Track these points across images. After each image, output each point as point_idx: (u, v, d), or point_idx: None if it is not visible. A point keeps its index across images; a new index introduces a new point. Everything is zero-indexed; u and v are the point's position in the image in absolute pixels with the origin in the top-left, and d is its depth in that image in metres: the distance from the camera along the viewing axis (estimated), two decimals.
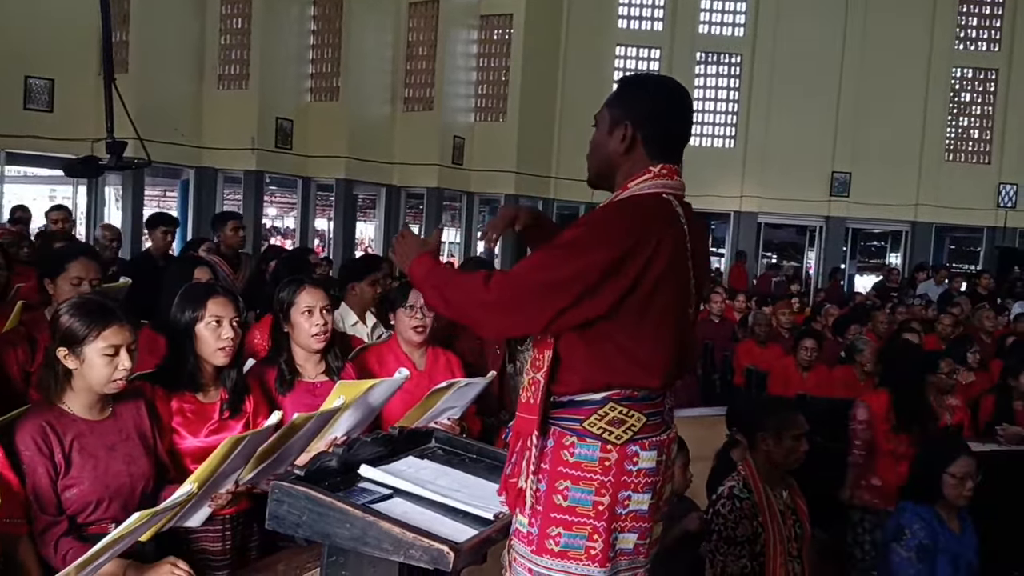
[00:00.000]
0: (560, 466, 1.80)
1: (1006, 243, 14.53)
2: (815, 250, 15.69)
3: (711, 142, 15.19)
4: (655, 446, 1.85)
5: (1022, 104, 14.61)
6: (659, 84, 2.00)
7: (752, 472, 2.97)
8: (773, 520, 2.89)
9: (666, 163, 1.90)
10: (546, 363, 1.83)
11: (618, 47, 14.59)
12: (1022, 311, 8.60)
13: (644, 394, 1.84)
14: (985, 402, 5.45)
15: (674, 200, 1.88)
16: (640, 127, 1.88)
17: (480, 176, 13.72)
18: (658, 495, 1.88)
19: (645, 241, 1.77)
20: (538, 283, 1.76)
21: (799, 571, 2.92)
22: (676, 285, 1.85)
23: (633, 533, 1.84)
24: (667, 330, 1.84)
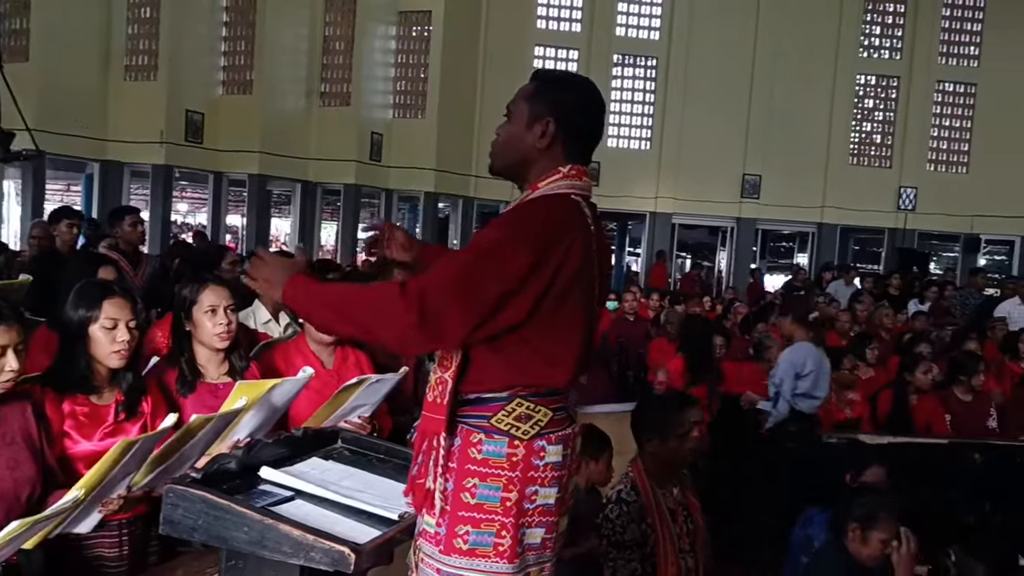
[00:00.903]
0: (468, 464, 1.79)
1: (905, 244, 15.20)
2: (727, 250, 16.09)
3: (628, 143, 15.42)
4: (561, 440, 1.85)
5: (921, 110, 15.31)
6: (583, 84, 1.99)
7: (640, 474, 2.96)
8: (662, 520, 2.90)
9: (576, 163, 1.89)
10: (455, 363, 1.80)
11: (537, 47, 14.69)
12: (918, 309, 8.99)
13: (549, 390, 1.84)
14: (883, 396, 5.67)
15: (582, 201, 1.88)
16: (562, 125, 1.87)
17: (399, 173, 13.61)
18: (564, 488, 1.88)
19: (558, 244, 1.76)
20: (463, 293, 1.70)
21: (693, 565, 2.94)
22: (585, 286, 1.86)
23: (540, 528, 1.84)
24: (577, 330, 1.85)
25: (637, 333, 8.39)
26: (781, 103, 14.84)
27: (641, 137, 15.41)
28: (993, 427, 5.60)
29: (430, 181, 13.40)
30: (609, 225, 17.30)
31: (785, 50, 14.77)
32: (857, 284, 11.43)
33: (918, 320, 8.08)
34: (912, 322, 8.08)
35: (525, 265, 1.72)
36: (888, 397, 5.64)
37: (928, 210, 15.16)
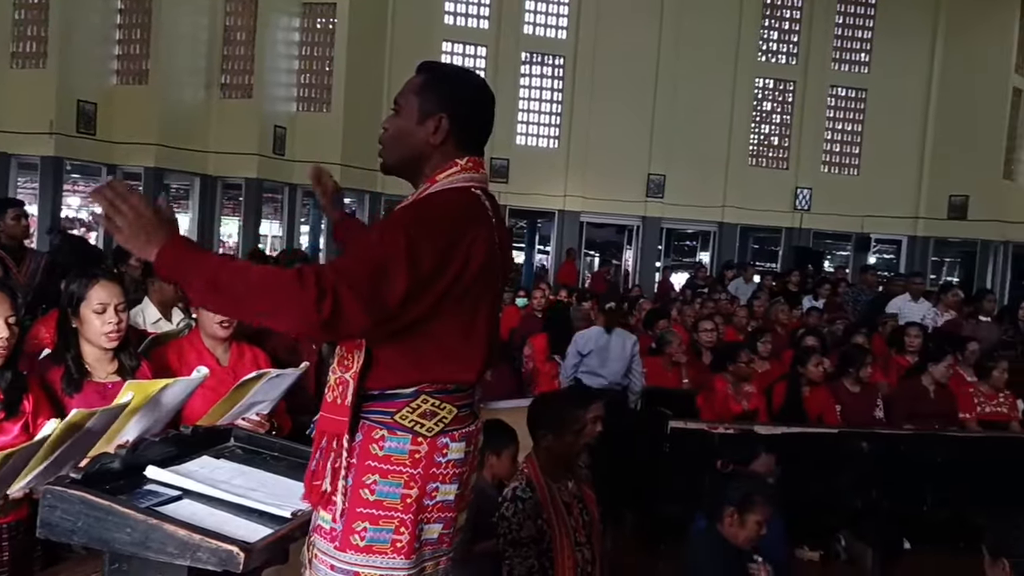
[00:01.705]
0: (368, 460, 1.76)
1: (801, 243, 15.79)
2: (633, 248, 16.39)
3: (536, 142, 15.53)
4: (464, 437, 1.84)
5: (816, 114, 15.93)
6: (473, 77, 1.99)
7: (535, 470, 2.98)
8: (558, 515, 2.93)
9: (472, 155, 1.88)
10: (357, 363, 1.76)
11: (444, 43, 14.64)
12: (812, 305, 9.36)
13: (456, 386, 1.83)
14: (778, 389, 5.86)
15: (482, 194, 1.87)
16: (455, 120, 1.85)
17: (303, 167, 13.32)
18: (464, 485, 1.88)
19: (462, 237, 1.74)
20: (363, 284, 1.65)
21: (589, 556, 2.97)
22: (489, 280, 1.85)
23: (438, 523, 1.83)
24: (482, 325, 1.83)
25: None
26: (684, 104, 15.20)
27: (549, 136, 15.53)
28: (880, 417, 5.88)
29: (335, 176, 13.15)
30: (519, 223, 17.40)
31: (688, 52, 15.13)
32: (756, 281, 11.84)
33: (811, 316, 8.41)
34: (806, 318, 8.40)
35: (431, 260, 1.69)
36: (782, 389, 5.83)
37: (822, 210, 15.78)
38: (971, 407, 5.88)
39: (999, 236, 15.44)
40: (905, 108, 15.69)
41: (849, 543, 5.17)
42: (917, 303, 8.73)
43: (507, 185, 14.83)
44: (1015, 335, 7.60)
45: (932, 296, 9.13)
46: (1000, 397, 5.96)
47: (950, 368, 5.88)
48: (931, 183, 15.70)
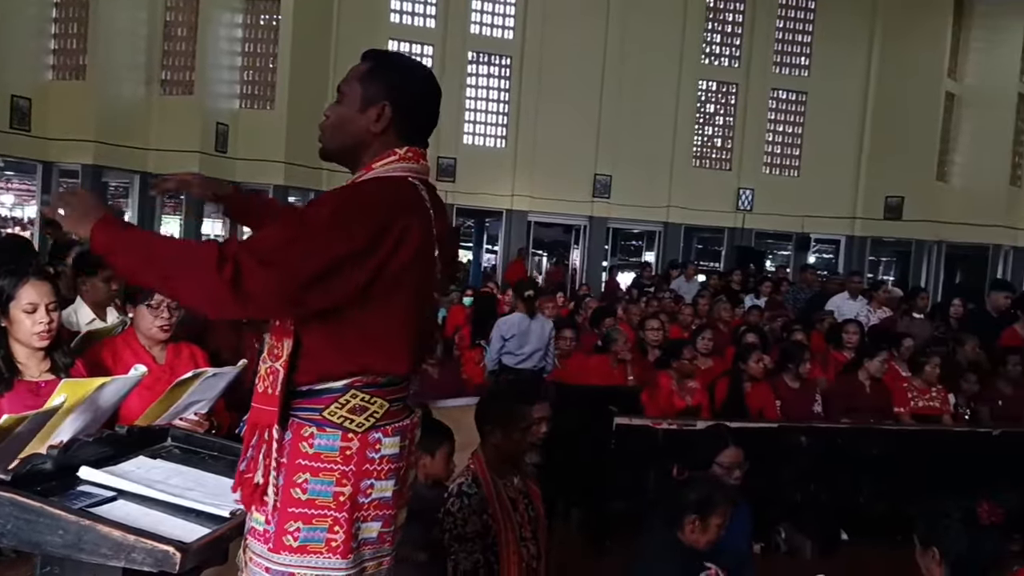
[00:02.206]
0: (299, 458, 1.73)
1: (744, 243, 16.07)
2: (580, 248, 16.49)
3: (484, 141, 15.53)
4: (398, 432, 1.82)
5: (757, 116, 16.22)
6: (419, 67, 1.96)
7: (481, 465, 2.99)
8: (503, 510, 2.93)
9: (413, 146, 1.86)
10: (286, 352, 1.74)
11: (391, 42, 14.52)
12: (753, 303, 9.53)
13: (388, 380, 1.80)
14: (720, 385, 5.97)
15: (420, 184, 1.85)
16: (398, 109, 1.83)
17: (246, 165, 13.14)
18: (402, 481, 1.85)
19: (393, 226, 1.72)
20: (284, 261, 1.63)
21: (535, 551, 2.98)
22: (423, 271, 1.83)
23: (377, 522, 1.81)
24: (413, 316, 1.82)
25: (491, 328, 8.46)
26: (630, 105, 15.34)
27: (497, 135, 15.55)
28: (818, 411, 6.02)
29: (279, 174, 13.01)
30: (467, 222, 17.39)
31: (633, 54, 15.27)
32: (699, 280, 12.03)
33: (753, 313, 8.58)
34: (747, 315, 8.56)
35: (354, 244, 1.67)
36: (725, 385, 5.94)
37: (764, 211, 16.07)
38: (905, 401, 6.06)
39: (932, 236, 15.92)
40: (843, 111, 16.08)
41: (789, 535, 5.28)
42: (855, 301, 8.95)
43: (455, 184, 14.81)
44: (946, 331, 7.84)
45: (868, 294, 9.37)
46: (932, 391, 6.15)
47: (885, 363, 6.05)
48: (868, 184, 16.11)
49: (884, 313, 8.73)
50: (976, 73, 15.98)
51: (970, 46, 15.95)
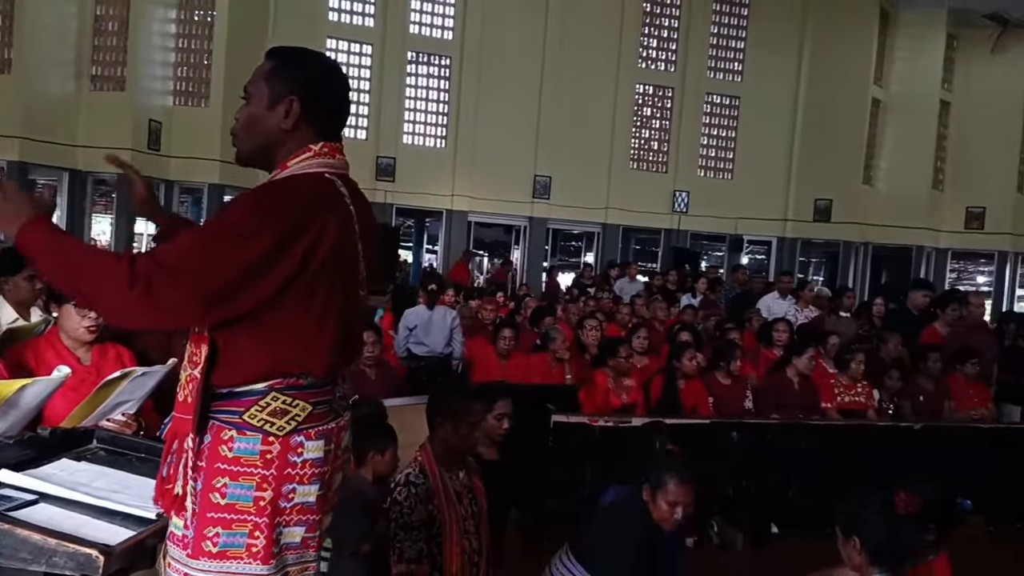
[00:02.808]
0: (218, 462, 1.70)
1: (679, 244, 16.32)
2: (520, 248, 16.56)
3: (424, 141, 15.47)
4: (322, 435, 1.79)
5: (692, 120, 16.48)
6: (322, 60, 1.93)
7: (429, 457, 3.04)
8: (449, 502, 2.99)
9: (328, 141, 1.83)
10: (203, 358, 1.70)
11: (329, 40, 14.38)
12: (688, 303, 9.71)
13: (310, 382, 1.77)
14: (655, 382, 6.07)
15: (338, 180, 1.82)
16: (306, 103, 1.80)
17: (180, 163, 12.86)
18: (327, 486, 1.82)
19: (309, 224, 1.69)
20: (195, 270, 1.60)
21: (477, 546, 3.05)
22: (343, 269, 1.80)
23: (300, 527, 1.77)
24: (333, 316, 1.78)
25: None
26: (569, 107, 15.45)
27: (437, 135, 15.50)
28: (749, 407, 6.18)
29: (215, 173, 12.75)
30: (406, 222, 17.30)
31: (572, 56, 15.38)
32: (641, 280, 12.20)
33: (687, 312, 8.74)
34: (682, 314, 8.72)
35: (268, 246, 1.64)
36: (660, 383, 6.04)
37: (699, 212, 16.33)
38: (832, 397, 6.25)
39: (859, 237, 16.40)
40: (775, 116, 16.46)
41: (721, 529, 5.40)
42: (783, 300, 9.19)
43: (394, 184, 14.75)
44: (871, 329, 8.10)
45: (796, 293, 9.62)
46: (858, 387, 6.35)
47: (813, 360, 6.22)
48: (798, 187, 16.52)
49: (812, 312, 8.98)
50: (900, 80, 16.53)
51: (895, 55, 16.49)
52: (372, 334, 5.21)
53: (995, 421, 6.63)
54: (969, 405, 6.51)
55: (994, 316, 12.31)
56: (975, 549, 5.09)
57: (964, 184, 16.55)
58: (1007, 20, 15.74)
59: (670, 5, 16.30)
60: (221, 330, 1.70)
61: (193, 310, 1.64)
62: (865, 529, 2.60)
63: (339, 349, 1.82)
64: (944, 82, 16.45)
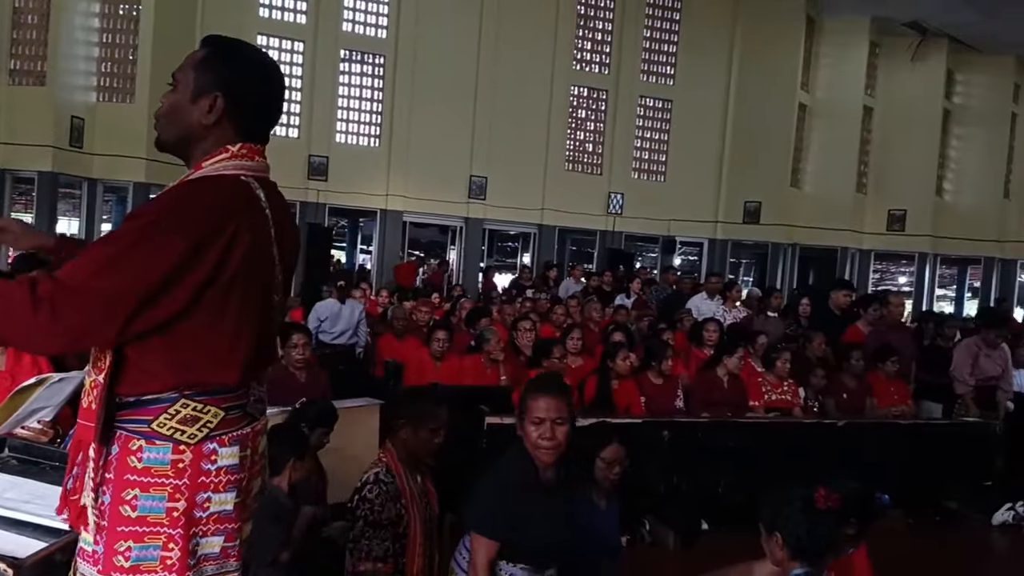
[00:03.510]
0: (127, 474, 1.63)
1: (614, 245, 16.49)
2: (456, 249, 16.52)
3: (357, 140, 15.30)
4: (236, 441, 1.73)
5: (625, 123, 16.67)
6: (257, 57, 1.85)
7: (393, 458, 3.06)
8: (413, 503, 3.00)
9: (248, 142, 1.77)
10: (108, 364, 1.63)
11: (260, 36, 14.09)
12: (622, 303, 9.83)
13: (221, 387, 1.71)
14: (589, 382, 6.13)
15: (254, 183, 1.75)
16: (232, 100, 1.74)
17: (104, 161, 12.47)
18: (244, 493, 1.77)
19: (222, 228, 1.63)
20: (103, 288, 1.53)
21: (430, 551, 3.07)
22: (259, 274, 1.74)
23: (218, 536, 1.72)
24: (249, 322, 1.72)
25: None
26: (504, 108, 15.46)
27: (371, 134, 15.34)
28: (680, 406, 6.28)
29: (140, 171, 12.38)
30: (340, 222, 17.10)
31: (507, 57, 15.39)
32: (584, 281, 12.31)
33: (620, 313, 8.84)
34: (616, 315, 8.82)
35: (179, 253, 1.57)
36: (594, 383, 6.10)
37: (633, 214, 16.53)
38: (760, 395, 6.40)
39: (787, 239, 16.80)
40: (706, 120, 16.75)
41: (653, 527, 5.46)
42: (712, 300, 9.37)
43: (327, 183, 14.56)
44: (797, 328, 8.32)
45: (724, 294, 9.81)
46: (784, 385, 6.52)
47: (742, 360, 6.36)
48: (728, 190, 16.85)
49: (740, 312, 9.18)
50: (826, 86, 16.98)
51: (820, 61, 16.93)
52: (303, 336, 5.13)
53: (914, 418, 6.88)
54: (889, 402, 6.75)
55: (914, 316, 12.76)
56: (895, 542, 5.30)
57: (886, 187, 17.10)
58: (926, 29, 16.32)
59: (603, 8, 16.44)
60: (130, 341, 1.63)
61: (103, 330, 1.57)
62: (786, 525, 2.66)
63: (254, 357, 1.76)
64: (867, 88, 16.97)
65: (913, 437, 6.27)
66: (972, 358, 6.95)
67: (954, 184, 17.61)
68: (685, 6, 16.75)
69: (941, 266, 18.08)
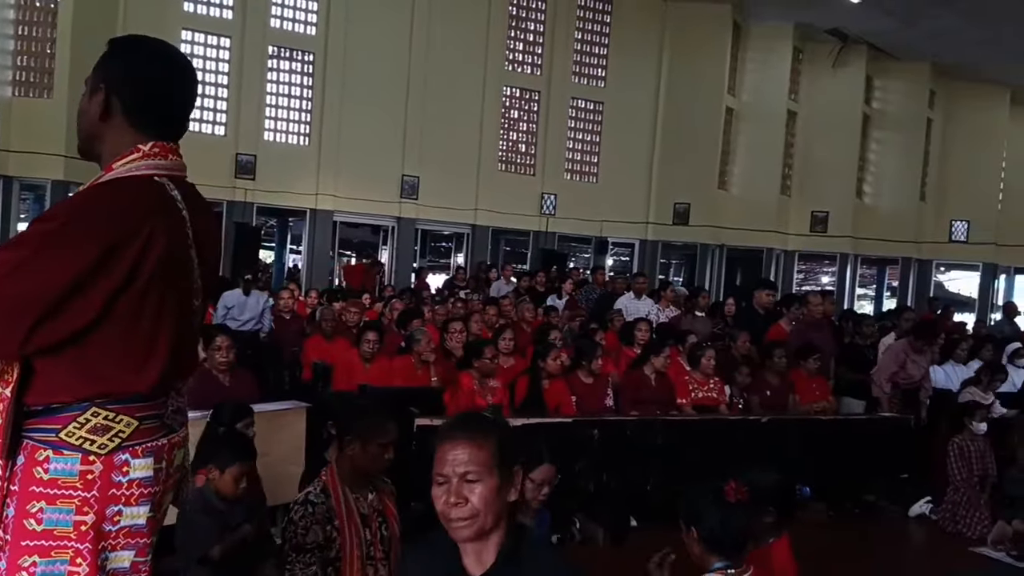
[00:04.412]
0: (32, 485, 1.56)
1: (548, 246, 16.59)
2: (389, 249, 16.39)
3: (286, 138, 15.03)
4: (151, 452, 1.66)
5: (558, 124, 16.78)
6: (148, 48, 1.79)
7: (333, 477, 2.92)
8: (351, 524, 2.85)
9: (160, 140, 1.71)
10: (15, 376, 1.55)
11: (184, 31, 13.75)
12: (553, 304, 9.89)
13: (136, 396, 1.65)
14: (520, 383, 6.15)
15: (169, 183, 1.70)
16: (118, 93, 1.69)
17: (20, 158, 11.99)
18: (158, 507, 1.71)
19: (136, 231, 1.57)
20: (5, 294, 1.46)
21: (385, 573, 2.92)
22: (176, 278, 1.68)
23: (128, 551, 1.65)
24: (166, 329, 1.66)
25: (292, 331, 8.27)
26: (436, 107, 15.38)
27: (300, 132, 15.09)
28: (610, 405, 6.35)
29: (59, 169, 11.94)
30: (269, 222, 16.79)
31: (438, 56, 15.31)
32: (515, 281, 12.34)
33: (552, 313, 8.90)
34: (548, 315, 8.87)
35: (89, 259, 1.51)
36: (525, 383, 6.12)
37: (566, 215, 16.64)
38: (686, 393, 6.51)
39: (714, 240, 17.16)
40: (636, 122, 16.98)
41: (583, 524, 5.51)
42: (640, 300, 9.50)
43: (255, 182, 14.27)
44: (723, 327, 8.50)
45: (657, 294, 9.98)
46: (710, 383, 6.65)
47: (668, 358, 6.47)
48: (659, 191, 17.11)
49: (673, 312, 9.33)
50: (752, 91, 17.39)
51: (747, 66, 17.33)
52: (227, 338, 5.02)
53: (835, 413, 7.09)
54: (811, 398, 6.94)
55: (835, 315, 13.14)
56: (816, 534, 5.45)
57: (809, 190, 17.60)
58: (847, 36, 16.86)
59: (535, 10, 16.52)
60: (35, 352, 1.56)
61: (7, 344, 1.50)
62: (700, 519, 2.73)
63: (172, 365, 1.70)
64: (791, 93, 17.44)
65: (834, 432, 6.46)
66: (899, 364, 7.13)
67: (873, 187, 18.23)
68: (615, 9, 16.95)
69: (861, 266, 18.70)
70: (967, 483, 5.93)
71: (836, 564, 4.93)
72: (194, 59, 13.18)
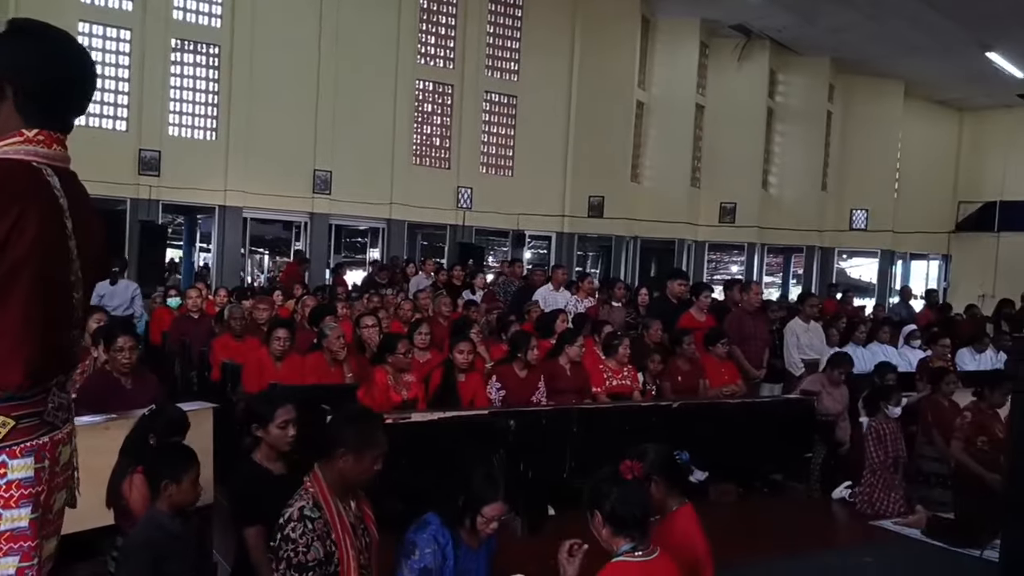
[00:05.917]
0: None
1: (465, 239, 16.58)
2: (302, 245, 16.08)
3: (192, 133, 14.55)
4: (30, 451, 1.60)
5: (472, 118, 16.77)
6: (49, 37, 1.73)
7: (322, 488, 2.82)
8: (346, 535, 2.79)
9: (46, 129, 1.66)
10: None
11: (81, 23, 13.13)
12: (470, 298, 9.90)
13: (10, 394, 1.57)
14: (435, 376, 6.13)
15: (47, 170, 1.64)
16: (11, 80, 1.63)
17: None
18: (43, 507, 1.64)
19: (5, 211, 1.51)
20: None
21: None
22: (49, 266, 1.62)
23: (13, 556, 1.57)
24: (37, 319, 1.59)
25: (201, 330, 8.06)
26: (347, 101, 15.14)
27: (206, 127, 14.63)
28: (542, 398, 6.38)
29: None
30: (176, 219, 16.25)
31: (348, 49, 15.06)
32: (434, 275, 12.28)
33: (470, 307, 8.91)
34: (465, 309, 8.87)
35: None
36: (439, 376, 6.10)
37: (483, 208, 16.67)
38: (601, 382, 6.61)
39: (628, 232, 17.46)
40: (550, 116, 17.11)
41: None
42: (559, 292, 9.60)
43: (160, 179, 13.78)
44: (637, 317, 8.65)
45: (575, 286, 10.09)
46: (624, 371, 6.76)
47: (582, 348, 6.55)
48: (573, 185, 17.30)
49: (590, 302, 9.46)
50: (661, 84, 17.74)
51: (655, 60, 17.67)
52: (129, 339, 4.83)
53: (743, 396, 7.30)
54: (720, 382, 7.14)
55: None
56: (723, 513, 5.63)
57: (717, 182, 18.07)
58: (750, 31, 17.35)
59: (446, 3, 16.46)
60: None
61: None
62: (601, 502, 2.79)
63: (46, 359, 1.63)
64: (699, 87, 17.86)
65: (742, 414, 6.66)
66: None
67: (778, 178, 18.84)
68: (527, 4, 17.03)
69: (768, 255, 19.32)
70: (883, 465, 6.14)
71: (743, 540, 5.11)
72: (92, 51, 12.62)
